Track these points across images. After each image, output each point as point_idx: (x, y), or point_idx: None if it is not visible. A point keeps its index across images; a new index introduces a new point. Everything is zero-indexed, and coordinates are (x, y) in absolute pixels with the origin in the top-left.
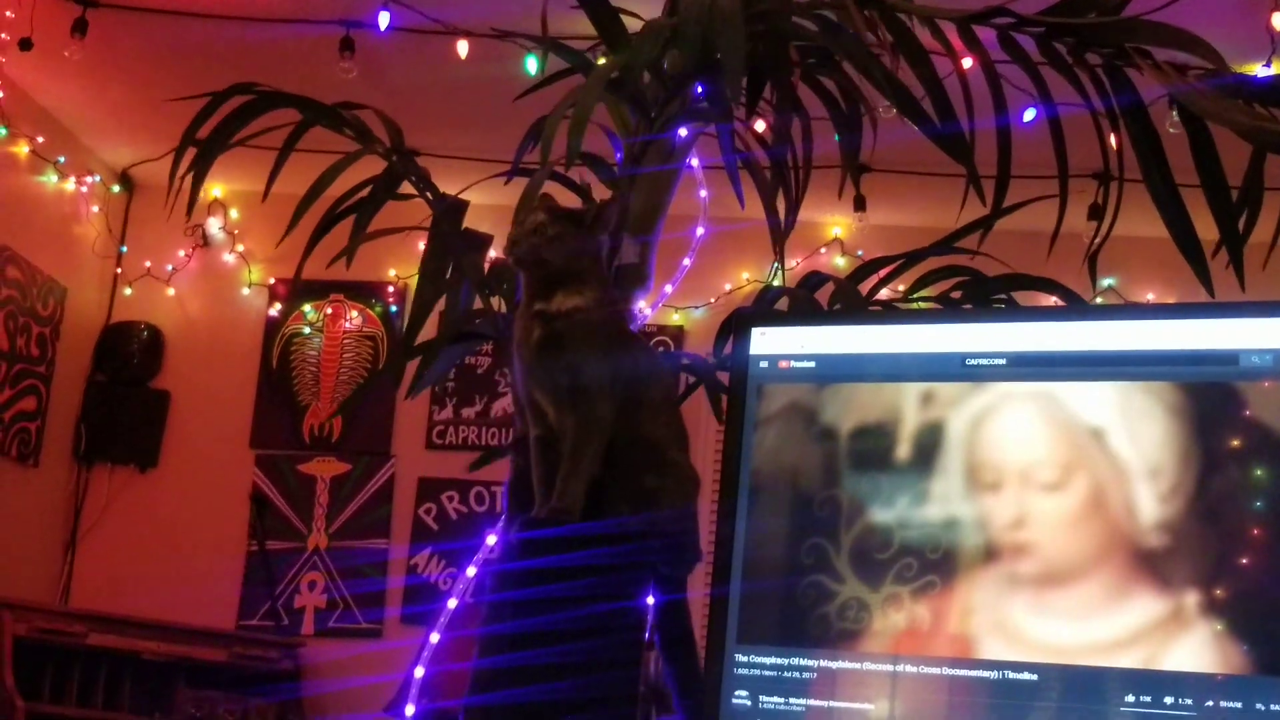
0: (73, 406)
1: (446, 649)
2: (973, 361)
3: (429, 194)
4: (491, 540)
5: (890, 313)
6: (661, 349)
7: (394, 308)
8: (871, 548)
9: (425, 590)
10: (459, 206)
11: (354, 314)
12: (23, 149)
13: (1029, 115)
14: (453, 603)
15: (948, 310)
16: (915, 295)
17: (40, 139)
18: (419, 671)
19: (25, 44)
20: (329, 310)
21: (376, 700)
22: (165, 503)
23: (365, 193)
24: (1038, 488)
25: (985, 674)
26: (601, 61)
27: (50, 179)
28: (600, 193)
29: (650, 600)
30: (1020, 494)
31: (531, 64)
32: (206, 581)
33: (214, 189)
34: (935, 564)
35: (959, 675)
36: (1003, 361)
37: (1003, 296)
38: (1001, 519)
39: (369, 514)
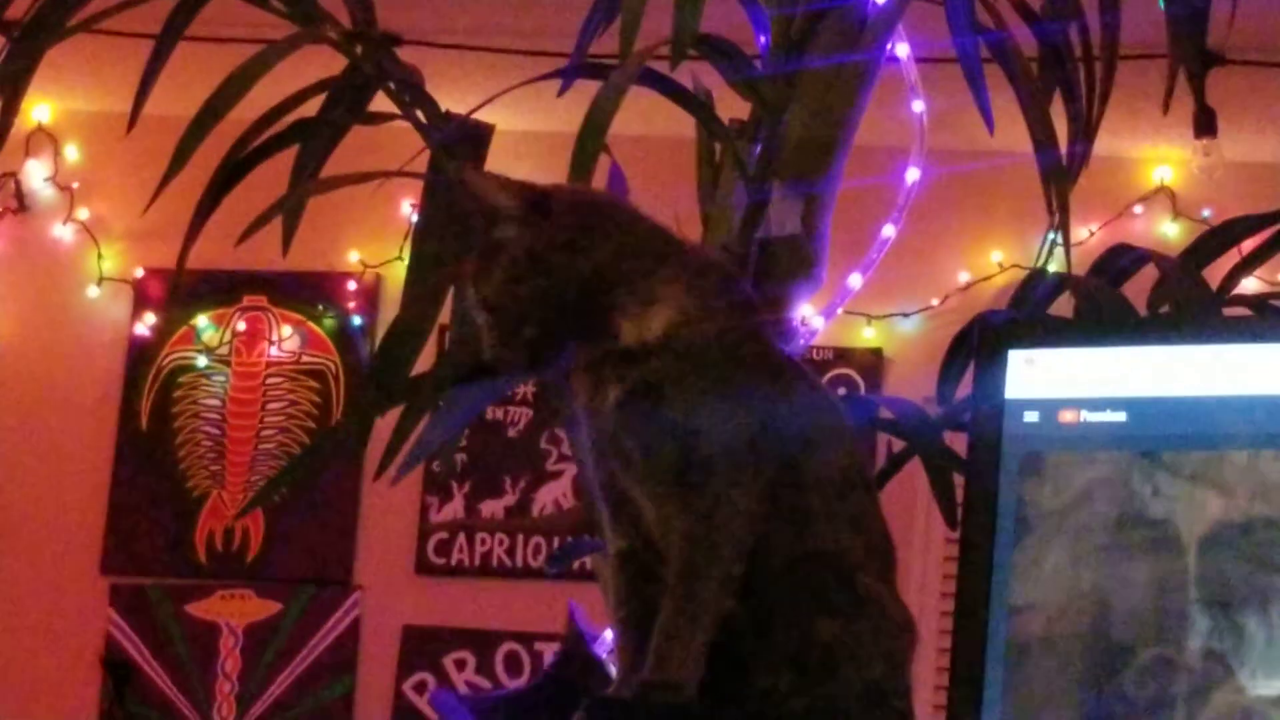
0: None
1: None
2: None
3: (422, 113)
4: None
5: (1263, 322)
6: (842, 391)
7: (358, 319)
8: None
9: None
10: (477, 135)
11: (287, 331)
12: None
13: None
14: None
15: None
16: None
17: None
18: None
19: None
20: (241, 325)
21: None
22: None
23: (309, 113)
24: None
25: None
26: None
27: None
28: (730, 107)
29: None
30: None
31: None
32: None
33: (36, 108)
34: None
35: None
36: None
37: None
38: None
39: (314, 692)
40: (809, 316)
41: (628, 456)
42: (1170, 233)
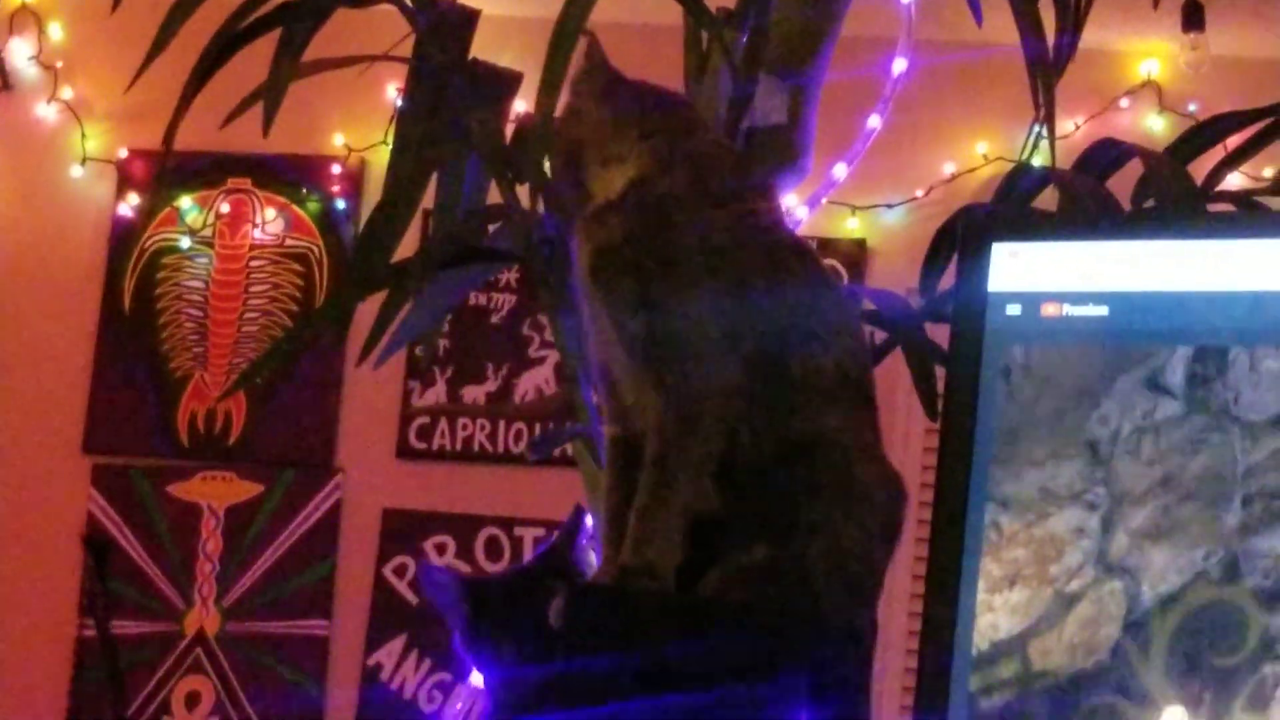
0: None
1: None
2: None
3: None
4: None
5: (1248, 217)
6: None
7: (342, 203)
8: (1207, 714)
9: (395, 712)
10: (463, 19)
11: (270, 214)
12: None
13: None
14: None
15: None
16: None
17: None
18: None
19: None
20: (225, 207)
21: None
22: None
23: None
24: None
25: None
26: None
27: None
28: None
29: None
30: None
31: None
32: (7, 687)
33: None
34: None
35: None
36: None
37: None
38: None
39: (295, 574)
40: (793, 206)
41: (607, 331)
42: (1156, 127)
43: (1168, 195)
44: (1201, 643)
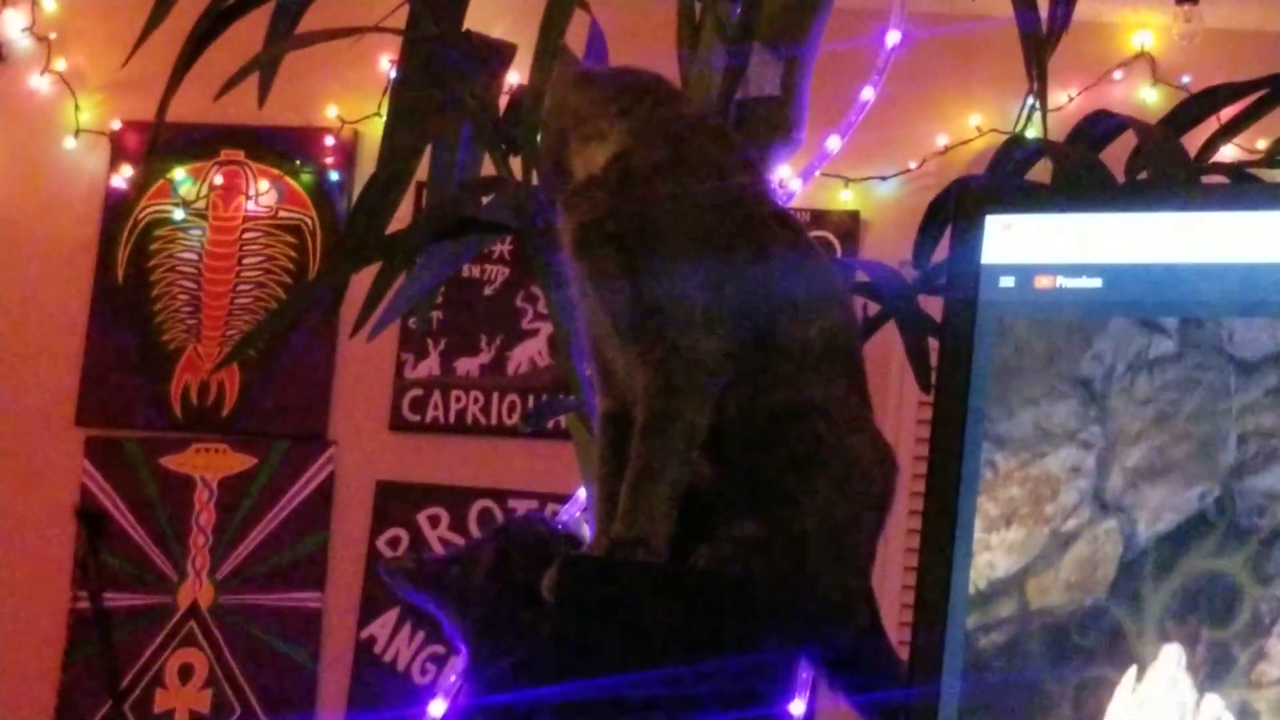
0: None
1: None
2: None
3: None
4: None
5: (1241, 189)
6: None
7: (335, 175)
8: (1203, 652)
9: (390, 685)
10: None
11: (264, 186)
12: None
13: None
14: (439, 707)
15: None
16: None
17: None
18: None
19: None
20: (218, 179)
21: None
22: None
23: None
24: None
25: None
26: None
27: None
28: None
29: (797, 707)
30: None
31: None
32: (0, 660)
33: None
34: None
35: None
36: None
37: None
38: None
39: (288, 547)
40: (787, 178)
41: (595, 307)
42: (1149, 99)
43: (1161, 167)
44: (1198, 581)
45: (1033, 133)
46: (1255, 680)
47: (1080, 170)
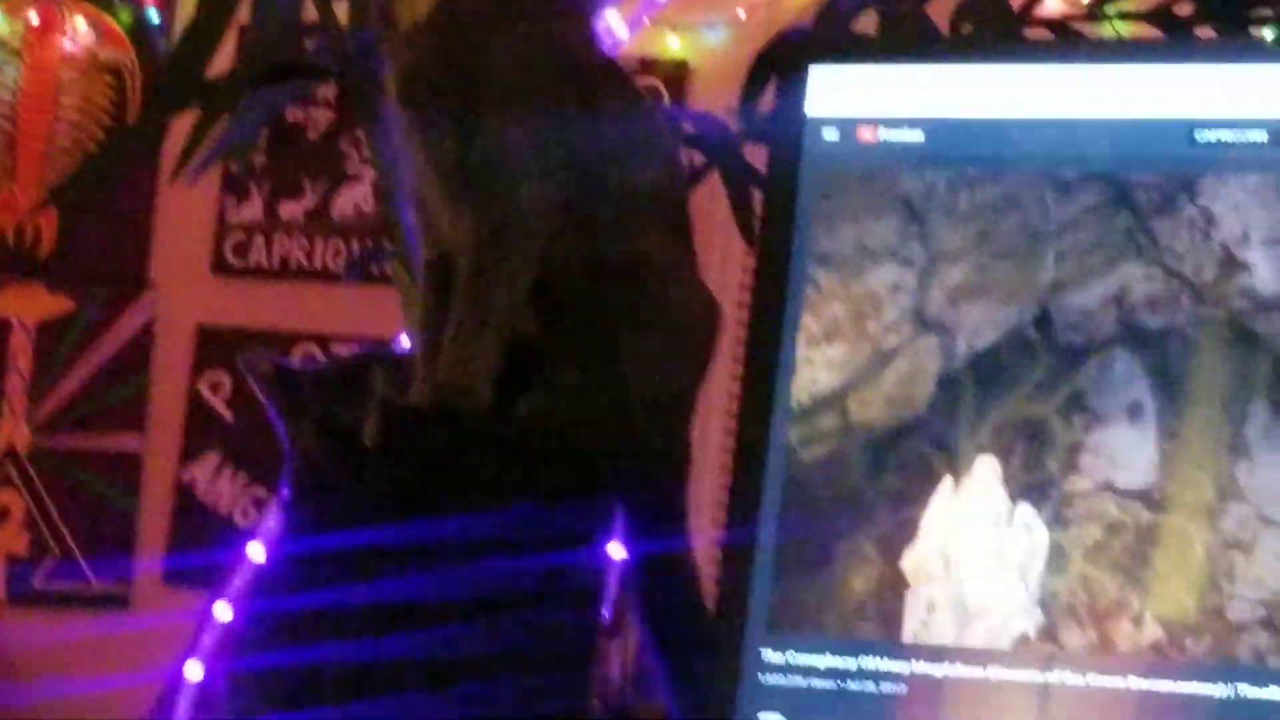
0: None
1: (245, 633)
2: (1207, 136)
3: None
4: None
5: (1064, 44)
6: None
7: (155, 14)
8: (1018, 463)
9: (208, 527)
10: None
11: (81, 24)
12: None
13: None
14: (257, 551)
15: (1168, 43)
16: (1111, 9)
17: None
18: (193, 671)
19: None
20: (34, 17)
21: (116, 718)
22: None
23: None
24: None
25: (1211, 689)
26: None
27: None
28: None
29: (616, 551)
30: None
31: None
32: None
33: None
34: (1135, 500)
35: (1164, 690)
36: (1262, 137)
37: (1269, 15)
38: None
39: (107, 390)
40: (614, 25)
41: (419, 155)
42: None
43: (985, 20)
44: (1013, 396)
45: None
46: (1067, 492)
47: (906, 21)
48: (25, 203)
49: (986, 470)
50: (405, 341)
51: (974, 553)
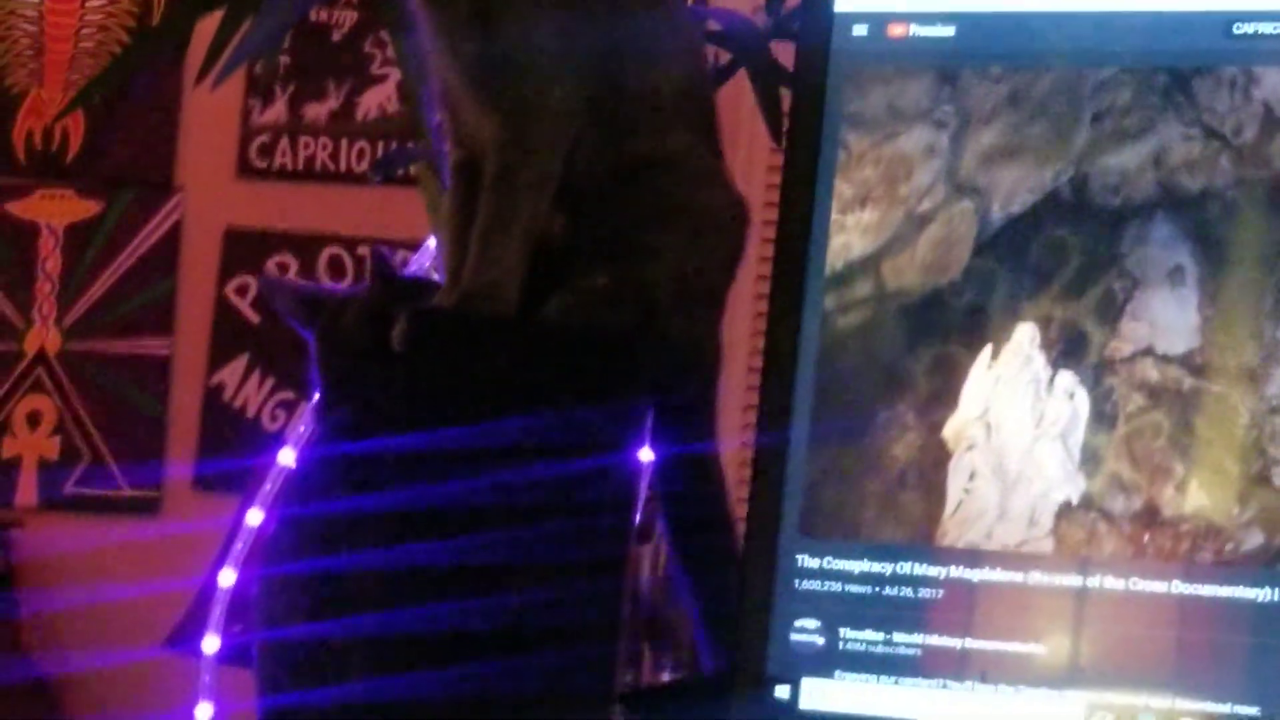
0: None
1: (276, 539)
2: (1244, 29)
3: None
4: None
5: None
6: None
7: None
8: (1057, 330)
9: (238, 432)
10: None
11: None
12: None
13: None
14: (288, 455)
15: None
16: None
17: None
18: (226, 577)
19: None
20: None
21: (148, 623)
22: None
23: None
24: None
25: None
26: None
27: None
28: None
29: (645, 454)
30: None
31: None
32: None
33: None
34: (1177, 366)
35: (1204, 594)
36: None
37: None
38: None
39: (135, 294)
40: None
41: (444, 52)
42: None
43: None
44: (1051, 261)
45: None
46: (1107, 357)
47: None
48: (52, 107)
49: (1025, 337)
50: (431, 243)
51: (1015, 420)
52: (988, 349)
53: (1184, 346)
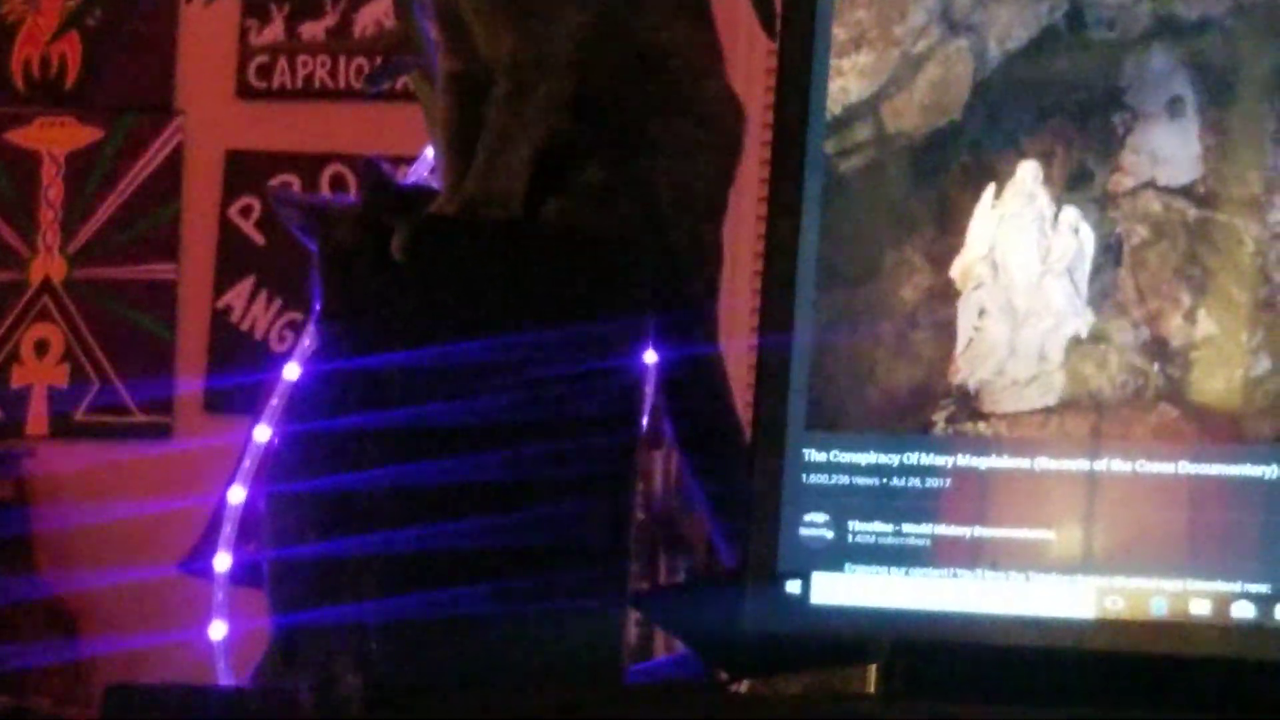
0: None
1: (285, 459)
2: None
3: None
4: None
5: None
6: None
7: None
8: (1059, 166)
9: (245, 353)
10: None
11: None
12: None
13: None
14: (293, 370)
15: None
16: None
17: None
18: (236, 496)
19: None
20: None
21: (160, 545)
22: None
23: None
24: None
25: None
26: None
27: None
28: None
29: (650, 357)
30: None
31: None
32: None
33: None
34: (1180, 197)
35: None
36: None
37: None
38: None
39: (139, 218)
40: None
41: None
42: None
43: None
44: (1051, 96)
45: None
46: (1110, 191)
47: None
48: (49, 32)
49: (1028, 175)
50: (430, 153)
51: (1021, 257)
52: (991, 187)
53: (1186, 177)
